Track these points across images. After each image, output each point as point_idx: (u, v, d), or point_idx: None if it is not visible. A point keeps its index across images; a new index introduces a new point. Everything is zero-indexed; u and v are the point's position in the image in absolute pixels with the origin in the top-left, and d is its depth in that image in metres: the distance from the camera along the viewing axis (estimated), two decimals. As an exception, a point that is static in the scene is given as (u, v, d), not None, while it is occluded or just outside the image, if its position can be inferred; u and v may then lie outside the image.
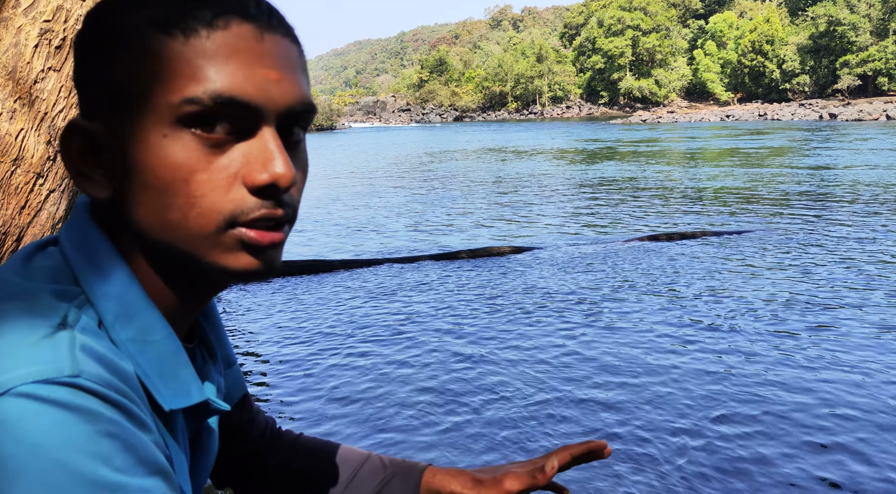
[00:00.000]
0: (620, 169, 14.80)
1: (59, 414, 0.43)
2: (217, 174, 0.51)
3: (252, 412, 0.87)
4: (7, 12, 1.74)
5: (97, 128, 0.54)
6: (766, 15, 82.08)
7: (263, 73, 0.52)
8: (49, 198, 1.80)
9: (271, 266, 0.55)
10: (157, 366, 0.54)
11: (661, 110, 71.82)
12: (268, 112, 0.52)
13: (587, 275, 5.20)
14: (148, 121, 0.51)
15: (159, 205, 0.52)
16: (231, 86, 0.50)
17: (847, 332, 3.75)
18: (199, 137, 0.51)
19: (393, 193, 11.51)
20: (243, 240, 0.53)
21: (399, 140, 34.82)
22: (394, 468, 0.87)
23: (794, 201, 8.96)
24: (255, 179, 0.52)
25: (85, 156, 0.55)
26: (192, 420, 0.62)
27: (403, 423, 2.78)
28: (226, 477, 0.88)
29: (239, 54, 0.51)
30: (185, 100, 0.50)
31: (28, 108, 1.75)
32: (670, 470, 2.36)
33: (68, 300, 0.51)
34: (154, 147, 0.51)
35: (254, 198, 0.52)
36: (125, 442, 0.46)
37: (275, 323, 4.25)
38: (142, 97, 0.51)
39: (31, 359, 0.45)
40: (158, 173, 0.51)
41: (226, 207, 0.52)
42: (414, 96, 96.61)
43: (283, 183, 0.52)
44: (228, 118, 0.51)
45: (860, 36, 71.54)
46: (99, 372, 0.47)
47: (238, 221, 0.52)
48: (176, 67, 0.50)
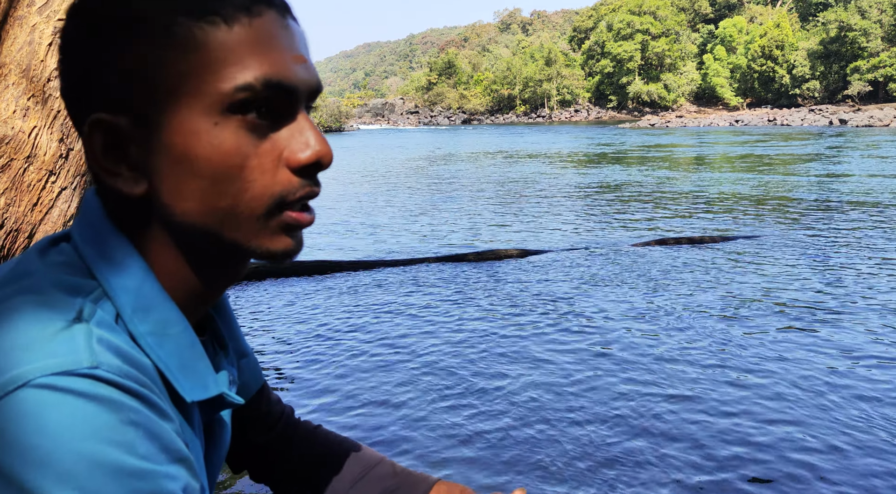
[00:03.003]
0: (628, 173, 14.76)
1: (81, 404, 0.43)
2: (265, 157, 0.53)
3: (269, 403, 0.89)
4: (22, 10, 1.75)
5: (123, 122, 0.53)
6: (776, 20, 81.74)
7: (295, 58, 0.54)
8: (61, 196, 1.81)
9: (301, 245, 0.58)
10: (178, 359, 0.54)
11: (669, 114, 71.54)
12: (302, 94, 0.54)
13: (595, 279, 5.18)
14: (195, 111, 0.51)
15: (210, 194, 0.52)
16: (276, 71, 0.52)
17: (859, 340, 3.72)
18: (248, 123, 0.52)
19: (400, 195, 11.51)
20: (288, 223, 0.55)
21: (407, 142, 34.84)
22: (404, 477, 0.87)
23: (804, 207, 8.91)
24: (300, 159, 0.53)
25: (110, 152, 0.54)
26: (206, 412, 0.62)
27: (405, 424, 2.77)
28: (242, 463, 0.90)
29: (273, 40, 0.52)
30: (238, 88, 0.50)
31: (41, 106, 1.76)
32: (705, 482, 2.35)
33: (83, 294, 0.51)
34: (205, 136, 0.51)
35: (298, 178, 0.54)
36: (148, 431, 0.46)
37: (281, 323, 4.25)
38: (186, 87, 0.51)
39: (49, 352, 0.45)
40: (213, 161, 0.51)
41: (275, 189, 0.53)
42: (422, 99, 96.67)
43: (327, 160, 0.54)
44: (270, 103, 0.52)
45: (871, 41, 71.11)
46: (117, 363, 0.47)
47: (286, 201, 0.54)
48: (222, 56, 0.51)
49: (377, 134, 51.23)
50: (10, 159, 1.73)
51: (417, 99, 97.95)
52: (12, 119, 1.73)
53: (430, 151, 25.54)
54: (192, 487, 0.48)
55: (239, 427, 0.85)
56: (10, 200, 1.73)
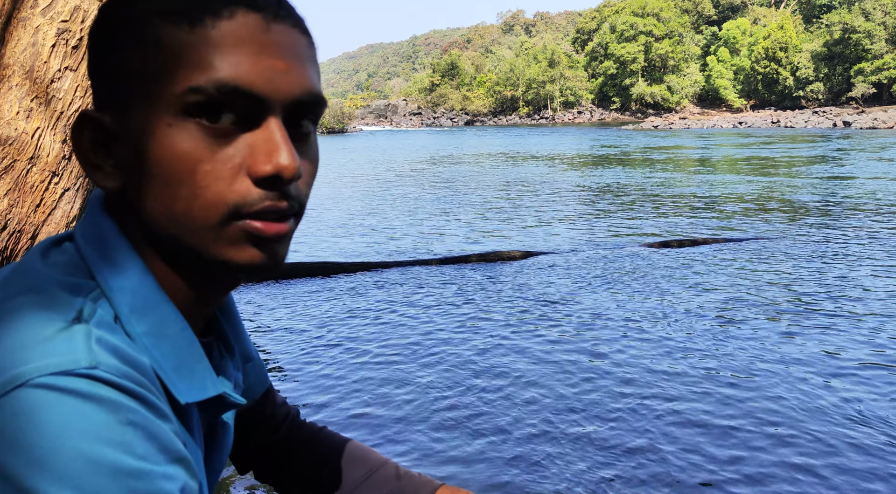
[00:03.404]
0: (632, 175, 14.76)
1: (79, 404, 0.43)
2: (222, 164, 0.51)
3: (275, 405, 0.90)
4: (25, 12, 1.76)
5: (107, 119, 0.53)
6: (780, 22, 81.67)
7: (270, 63, 0.51)
8: (64, 197, 1.81)
9: (276, 260, 0.55)
10: (173, 360, 0.54)
11: (673, 116, 71.52)
12: (274, 102, 0.52)
13: (599, 281, 5.18)
14: (154, 111, 0.51)
15: (165, 196, 0.52)
16: (236, 76, 0.50)
17: (862, 342, 3.72)
18: (204, 127, 0.50)
19: (403, 196, 11.52)
20: (248, 231, 0.52)
21: (410, 143, 34.88)
22: (407, 480, 0.87)
23: (807, 209, 8.90)
24: (258, 170, 0.51)
25: (96, 148, 0.54)
26: (208, 414, 0.62)
27: (407, 425, 2.77)
28: (247, 464, 0.91)
29: (245, 44, 0.51)
30: (190, 89, 0.49)
31: (45, 107, 1.77)
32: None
33: (83, 294, 0.51)
34: (160, 137, 0.50)
35: (258, 190, 0.52)
36: (146, 431, 0.45)
37: (282, 324, 4.26)
38: (148, 87, 0.51)
39: (48, 352, 0.45)
40: (164, 163, 0.51)
41: (230, 198, 0.51)
42: (425, 100, 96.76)
43: (287, 174, 0.51)
44: (234, 108, 0.51)
45: (875, 43, 71.01)
46: (116, 363, 0.47)
47: (242, 212, 0.51)
48: (181, 56, 0.50)
49: (380, 135, 51.28)
50: (14, 160, 1.73)
51: (420, 100, 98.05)
52: (15, 120, 1.73)
53: (433, 153, 25.56)
54: (190, 487, 0.48)
55: (244, 428, 0.86)
56: (14, 201, 1.73)
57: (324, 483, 0.88)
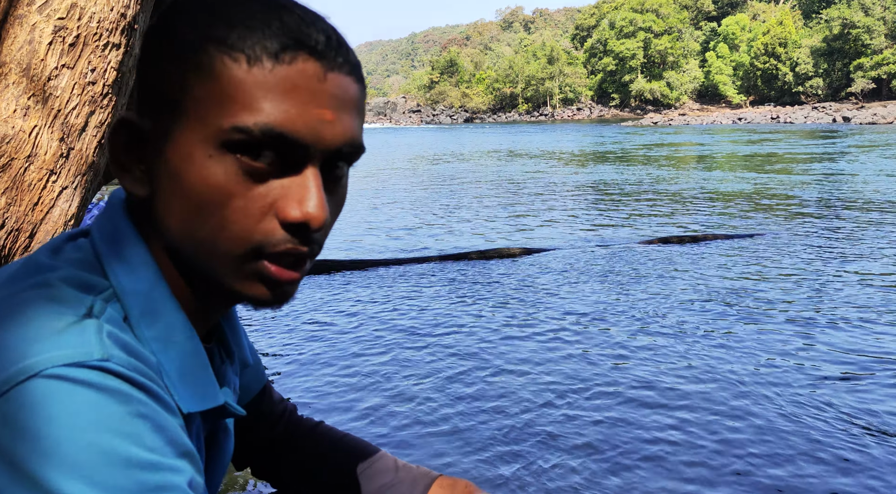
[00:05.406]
0: (631, 171, 14.75)
1: (91, 395, 0.43)
2: (253, 202, 0.51)
3: (272, 402, 0.90)
4: (22, 9, 1.75)
5: (146, 125, 0.54)
6: (779, 17, 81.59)
7: (318, 113, 0.51)
8: (62, 195, 1.81)
9: (284, 299, 0.56)
10: (178, 367, 0.54)
11: (672, 113, 71.43)
12: (315, 151, 0.52)
13: (598, 277, 5.18)
14: (195, 137, 0.51)
15: (192, 221, 0.52)
16: (283, 122, 0.50)
17: (865, 342, 3.71)
18: (243, 164, 0.51)
19: (402, 193, 11.51)
20: (262, 273, 0.53)
21: (409, 141, 34.86)
22: (405, 472, 0.87)
23: (807, 205, 8.90)
24: (288, 215, 0.51)
25: (130, 151, 0.55)
26: (209, 420, 0.62)
27: (406, 421, 2.77)
28: (245, 461, 0.91)
29: (297, 91, 0.50)
30: (235, 128, 0.50)
31: (41, 105, 1.76)
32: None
33: (95, 292, 0.51)
34: (198, 165, 0.51)
35: (283, 232, 0.52)
36: (155, 423, 0.46)
37: (281, 322, 4.25)
38: (194, 112, 0.51)
39: (60, 344, 0.45)
40: (197, 190, 0.51)
41: (255, 236, 0.52)
42: (424, 97, 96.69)
43: (315, 225, 0.52)
44: (275, 151, 0.51)
45: (875, 39, 70.93)
46: (126, 357, 0.47)
47: (264, 251, 0.52)
48: (233, 93, 0.50)
49: (379, 132, 51.25)
50: (11, 158, 1.72)
51: (419, 97, 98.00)
52: (12, 118, 1.72)
53: (433, 150, 25.54)
54: (196, 482, 0.48)
55: (241, 426, 0.86)
56: (11, 200, 1.72)
57: (322, 477, 0.88)
